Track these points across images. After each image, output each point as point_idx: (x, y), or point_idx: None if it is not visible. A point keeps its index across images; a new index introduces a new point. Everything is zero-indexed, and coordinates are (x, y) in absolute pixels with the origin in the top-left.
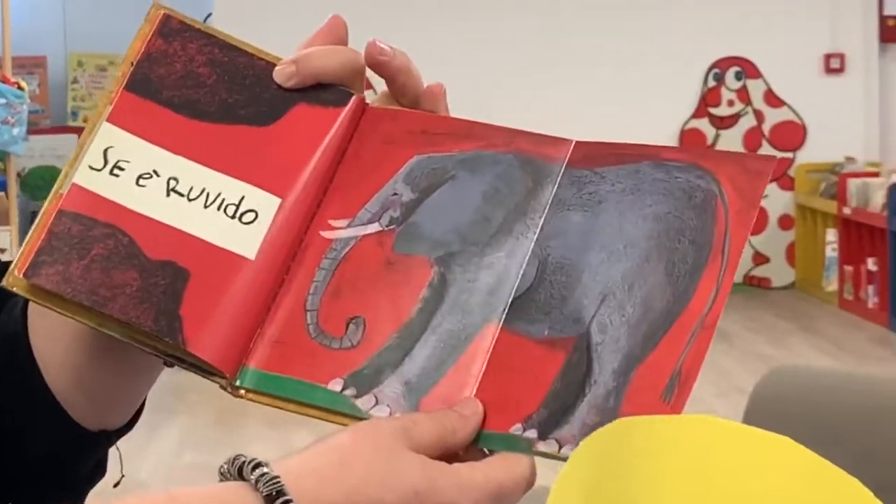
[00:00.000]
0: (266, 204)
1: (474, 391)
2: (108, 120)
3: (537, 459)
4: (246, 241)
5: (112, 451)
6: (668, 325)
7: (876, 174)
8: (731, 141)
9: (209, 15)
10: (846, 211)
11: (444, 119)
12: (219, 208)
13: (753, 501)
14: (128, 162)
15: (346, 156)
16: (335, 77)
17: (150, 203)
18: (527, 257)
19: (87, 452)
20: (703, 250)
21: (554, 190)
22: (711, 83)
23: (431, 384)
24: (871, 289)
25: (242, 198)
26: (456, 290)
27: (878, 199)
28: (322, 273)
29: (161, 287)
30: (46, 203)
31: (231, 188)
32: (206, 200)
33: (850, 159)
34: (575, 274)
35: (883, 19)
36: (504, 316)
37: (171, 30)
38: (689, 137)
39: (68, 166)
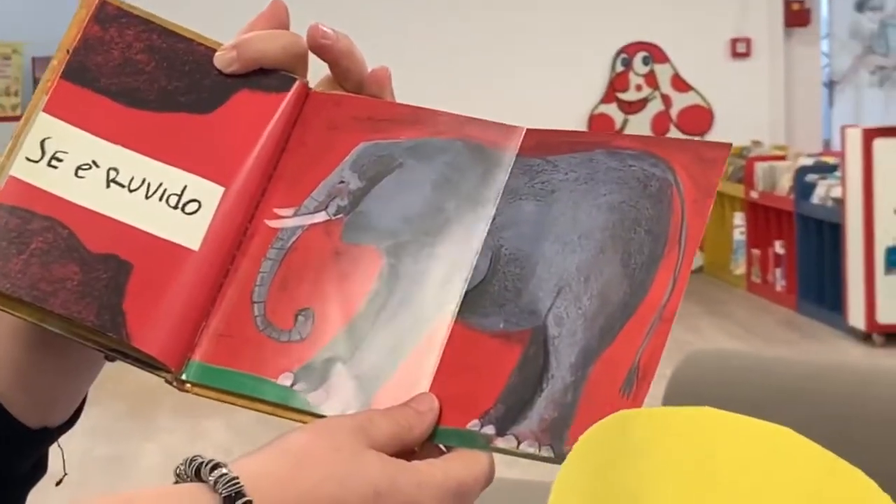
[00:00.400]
0: (209, 193)
1: (429, 386)
2: (45, 110)
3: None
4: (189, 232)
5: (53, 449)
6: (626, 318)
7: (782, 158)
8: (639, 126)
9: None
10: (753, 195)
11: (389, 105)
12: (160, 199)
13: (756, 493)
14: (66, 153)
15: (290, 142)
16: (277, 62)
17: (90, 195)
18: (479, 248)
19: (27, 450)
20: (659, 241)
21: (506, 179)
22: (619, 68)
23: (384, 379)
24: (778, 272)
25: (185, 187)
26: (407, 281)
27: (785, 183)
28: (268, 264)
29: (103, 281)
30: None
31: (173, 178)
32: (148, 191)
33: (756, 143)
34: (529, 266)
35: (787, 4)
36: (458, 309)
37: (108, 15)
38: (597, 122)
39: (4, 158)
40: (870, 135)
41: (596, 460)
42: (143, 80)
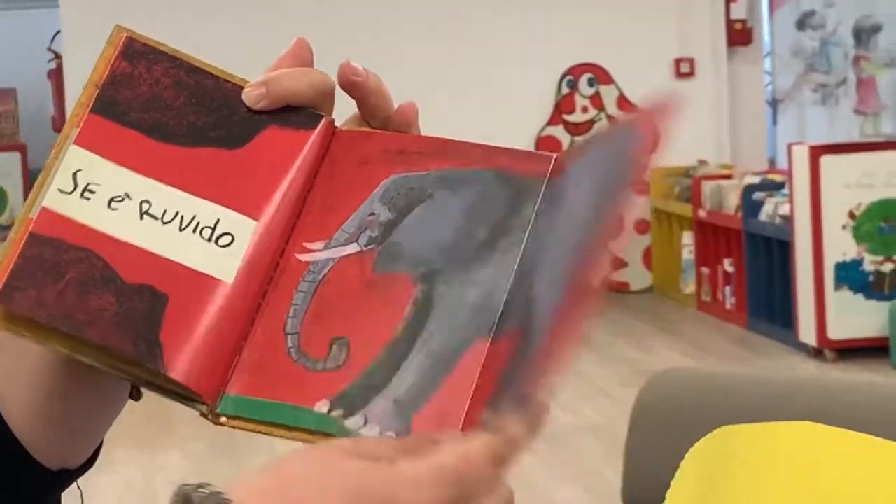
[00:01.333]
0: (242, 227)
1: (467, 407)
2: (76, 142)
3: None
4: (223, 265)
5: (73, 489)
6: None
7: (729, 176)
8: None
9: (57, 33)
10: (701, 213)
11: (417, 138)
12: (194, 231)
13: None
14: (98, 185)
15: (319, 178)
16: (304, 99)
17: (124, 226)
18: (513, 272)
19: (47, 493)
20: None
21: (536, 205)
22: (565, 90)
23: (423, 401)
24: (728, 290)
25: (217, 221)
26: (442, 306)
27: (733, 201)
28: (300, 296)
29: (140, 311)
30: (14, 227)
31: (205, 211)
32: (181, 223)
33: (703, 162)
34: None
35: (730, 23)
36: (494, 331)
37: (135, 52)
38: (544, 144)
39: (36, 190)
40: (816, 152)
41: (701, 477)
42: (171, 115)
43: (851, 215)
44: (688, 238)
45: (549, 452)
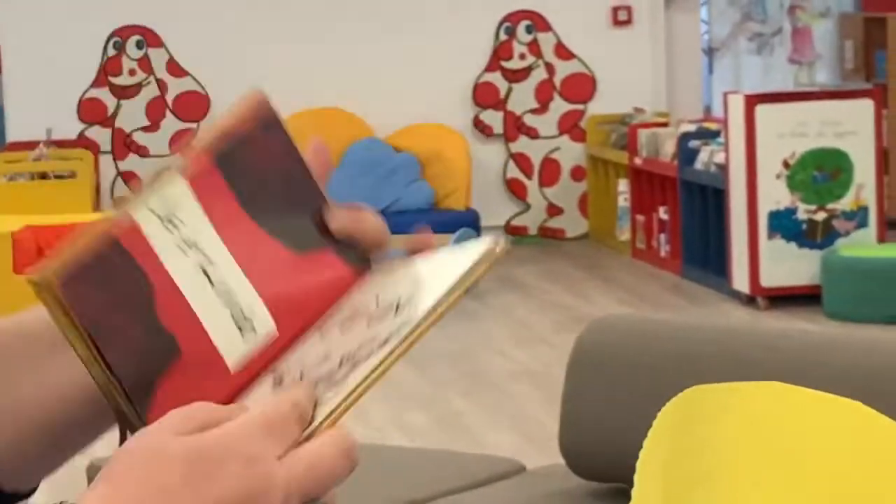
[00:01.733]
0: (265, 325)
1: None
2: (183, 175)
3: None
4: (235, 350)
5: None
6: None
7: (665, 124)
8: (523, 93)
9: None
10: (637, 161)
11: None
12: (228, 307)
13: (825, 465)
14: (182, 223)
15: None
16: (364, 242)
17: (182, 271)
18: None
19: None
20: None
21: None
22: (503, 37)
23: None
24: (662, 237)
25: (252, 311)
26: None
27: (668, 149)
28: None
29: (155, 353)
30: (99, 218)
31: (247, 297)
32: (223, 296)
33: (639, 110)
34: None
35: None
36: None
37: (268, 122)
38: (482, 91)
39: (131, 196)
40: (752, 101)
41: (671, 437)
42: (266, 193)
43: (786, 164)
44: (623, 186)
45: (483, 397)
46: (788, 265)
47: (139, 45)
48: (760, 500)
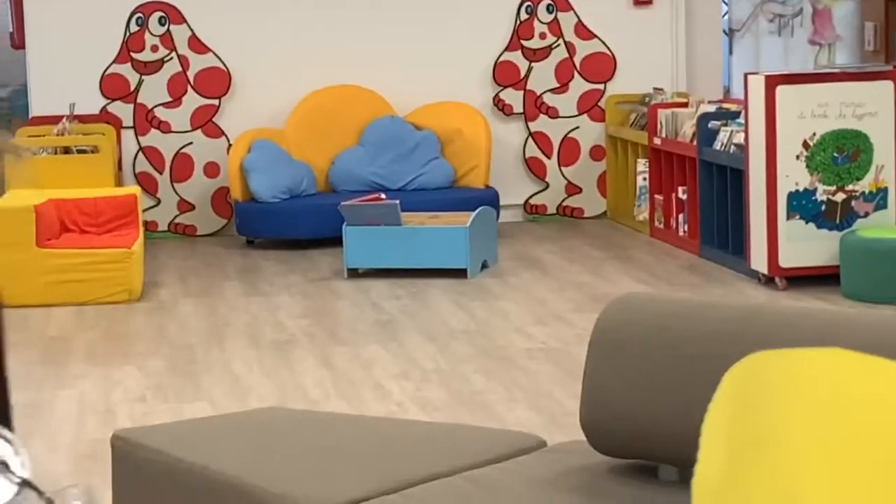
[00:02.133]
0: None
1: None
2: None
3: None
4: None
5: None
6: None
7: (684, 105)
8: (543, 73)
9: None
10: (656, 141)
11: None
12: None
13: (887, 429)
14: None
15: None
16: None
17: None
18: None
19: None
20: None
21: None
22: (524, 16)
23: None
24: (681, 217)
25: None
26: None
27: (688, 130)
28: None
29: None
30: None
31: None
32: None
33: (658, 90)
34: None
35: None
36: None
37: None
38: (502, 70)
39: None
40: (772, 81)
41: (737, 398)
42: None
43: (805, 145)
44: (642, 165)
45: (502, 375)
46: (807, 246)
47: (161, 22)
48: (821, 462)
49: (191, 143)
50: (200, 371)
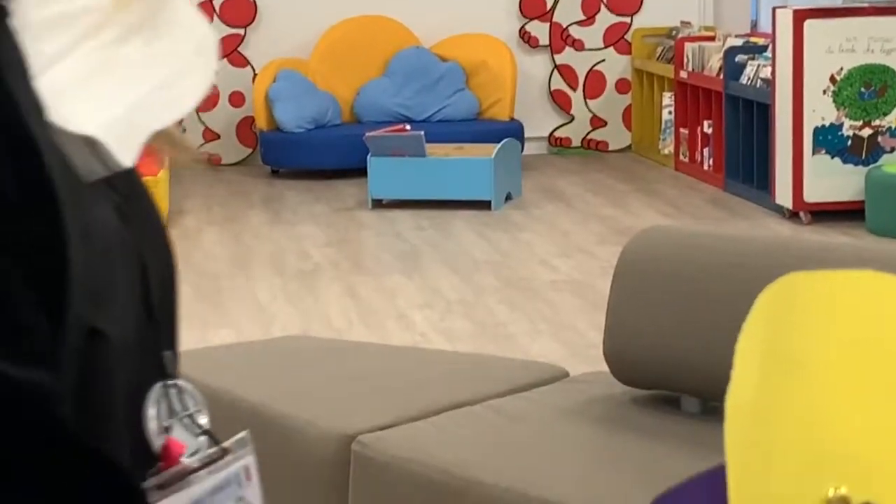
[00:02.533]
0: None
1: None
2: None
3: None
4: None
5: None
6: None
7: (711, 38)
8: (569, 5)
9: None
10: (682, 75)
11: None
12: None
13: None
14: None
15: None
16: None
17: None
18: None
19: None
20: None
21: None
22: None
23: None
24: (706, 151)
25: None
26: None
27: (714, 63)
28: None
29: None
30: None
31: None
32: None
33: (685, 24)
34: None
35: None
36: None
37: None
38: (528, 2)
39: None
40: (800, 15)
41: (770, 321)
42: None
43: (832, 80)
44: (668, 99)
45: (525, 306)
46: (832, 181)
47: None
48: (856, 387)
49: (216, 72)
50: (225, 299)
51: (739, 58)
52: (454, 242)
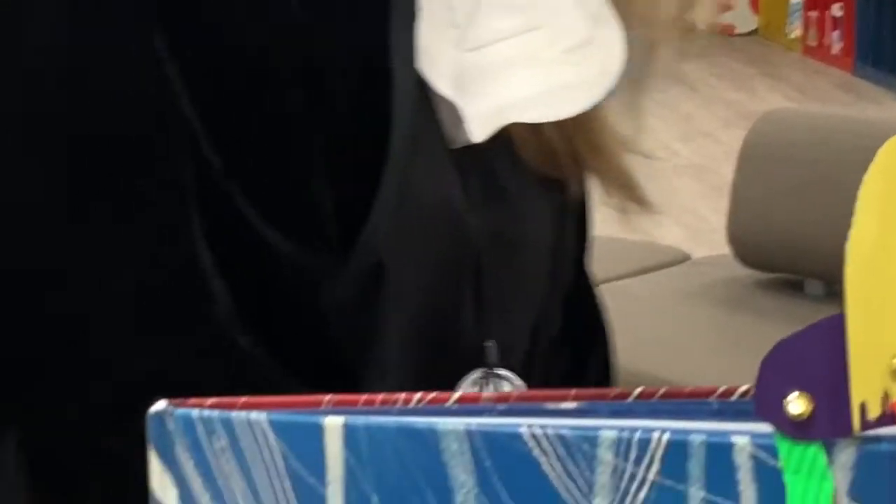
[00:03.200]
0: None
1: None
2: None
3: None
4: None
5: None
6: None
7: None
8: None
9: None
10: None
11: None
12: None
13: None
14: None
15: None
16: None
17: None
18: None
19: None
20: None
21: None
22: None
23: None
24: (835, 34)
25: None
26: None
27: None
28: None
29: None
30: None
31: None
32: None
33: None
34: None
35: None
36: None
37: None
38: None
39: None
40: None
41: (890, 171)
42: None
43: None
44: None
45: (648, 190)
46: None
47: None
48: None
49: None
50: None
51: None
52: None
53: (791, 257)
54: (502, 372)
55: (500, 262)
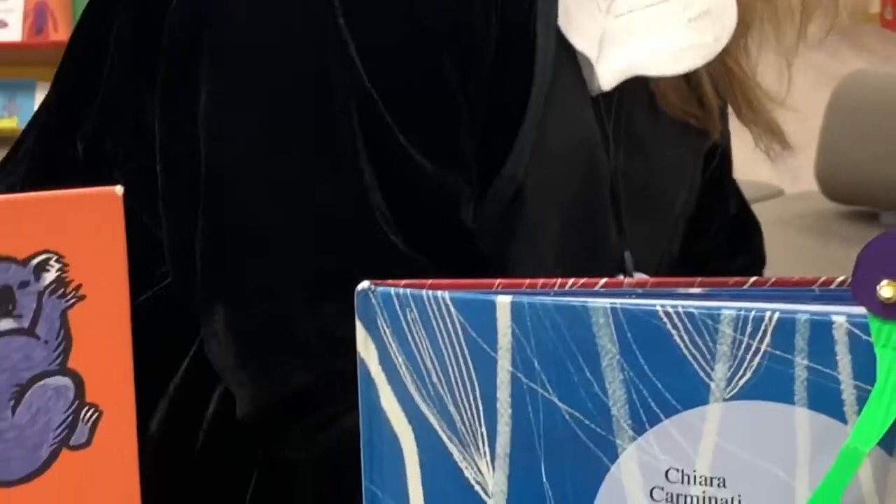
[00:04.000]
0: None
1: None
2: None
3: None
4: None
5: None
6: None
7: None
8: None
9: None
10: None
11: None
12: None
13: None
14: None
15: None
16: None
17: None
18: None
19: None
20: None
21: None
22: None
23: None
24: None
25: None
26: None
27: None
28: None
29: None
30: None
31: None
32: None
33: None
34: None
35: None
36: None
37: None
38: None
39: None
40: None
41: None
42: None
43: None
44: None
45: (742, 135)
46: None
47: None
48: None
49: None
50: None
51: None
52: None
53: (869, 192)
54: (638, 275)
55: (633, 194)
